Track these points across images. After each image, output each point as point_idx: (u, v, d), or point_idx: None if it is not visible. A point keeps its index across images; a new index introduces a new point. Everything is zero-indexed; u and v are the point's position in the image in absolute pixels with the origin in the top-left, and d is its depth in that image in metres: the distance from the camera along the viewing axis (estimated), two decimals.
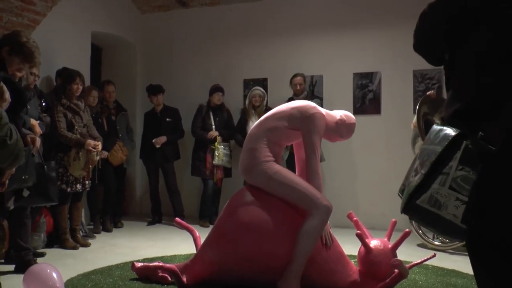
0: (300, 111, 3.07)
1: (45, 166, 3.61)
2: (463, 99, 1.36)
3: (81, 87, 4.59)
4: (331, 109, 5.98)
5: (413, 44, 1.56)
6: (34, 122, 3.64)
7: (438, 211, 1.32)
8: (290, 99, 5.77)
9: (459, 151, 1.31)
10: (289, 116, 3.07)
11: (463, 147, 1.31)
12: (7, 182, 2.50)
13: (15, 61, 2.98)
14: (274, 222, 2.92)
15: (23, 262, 3.55)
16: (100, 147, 4.63)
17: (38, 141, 3.49)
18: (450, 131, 1.36)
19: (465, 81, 1.38)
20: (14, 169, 2.51)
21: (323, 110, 3.20)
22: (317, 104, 5.50)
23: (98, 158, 4.65)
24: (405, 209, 1.41)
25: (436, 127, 1.42)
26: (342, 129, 3.25)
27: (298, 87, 5.72)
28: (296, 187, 2.94)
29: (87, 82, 5.51)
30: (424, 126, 4.50)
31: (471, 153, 1.30)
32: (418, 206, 1.36)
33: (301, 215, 2.96)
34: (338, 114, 3.28)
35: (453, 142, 1.33)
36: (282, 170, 3.02)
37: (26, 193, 3.27)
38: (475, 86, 1.34)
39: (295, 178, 3.00)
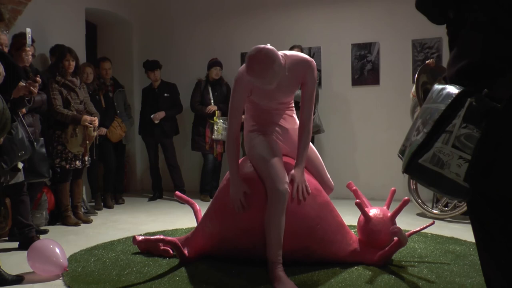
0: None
1: (35, 143, 3.61)
2: (469, 56, 1.32)
3: (73, 63, 4.54)
4: (330, 82, 6.06)
5: (415, 2, 1.50)
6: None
7: (441, 170, 1.29)
8: None
9: (463, 108, 1.27)
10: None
11: (467, 105, 1.27)
12: None
13: None
14: None
15: (26, 239, 3.59)
16: (97, 122, 4.62)
17: (36, 87, 3.26)
18: (453, 89, 1.32)
19: (473, 38, 1.33)
20: (1, 139, 2.49)
21: (281, 52, 2.84)
22: None
23: (95, 134, 4.64)
24: (407, 169, 1.38)
25: (438, 86, 1.38)
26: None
27: None
28: (259, 165, 2.89)
29: (83, 60, 5.46)
30: (423, 96, 4.48)
31: (475, 111, 1.26)
32: (420, 166, 1.33)
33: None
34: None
35: (457, 100, 1.29)
36: (259, 144, 2.95)
37: (20, 165, 3.29)
38: (484, 42, 1.30)
39: (265, 154, 2.88)
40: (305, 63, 2.88)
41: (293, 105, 3.20)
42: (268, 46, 2.64)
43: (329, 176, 3.26)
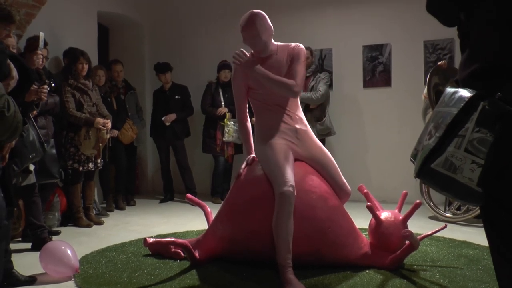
0: None
1: (45, 144, 3.63)
2: (482, 58, 1.30)
3: (86, 66, 4.58)
4: (341, 84, 6.03)
5: (426, 4, 1.49)
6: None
7: (453, 175, 1.27)
8: None
9: (476, 112, 1.25)
10: None
11: (480, 108, 1.24)
12: (7, 156, 2.50)
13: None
14: None
15: (39, 240, 3.62)
16: (109, 125, 4.65)
17: (45, 93, 3.23)
18: (465, 92, 1.29)
19: (485, 39, 1.31)
20: (13, 142, 2.50)
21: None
22: (325, 77, 5.51)
23: (108, 136, 4.68)
24: (419, 174, 1.36)
25: (450, 89, 1.36)
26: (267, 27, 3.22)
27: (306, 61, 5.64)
28: (266, 167, 2.92)
29: (95, 62, 5.51)
30: (435, 97, 4.44)
31: (488, 114, 1.24)
32: (432, 170, 1.31)
33: (311, 186, 2.96)
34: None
35: (470, 103, 1.27)
36: (267, 147, 2.95)
37: (32, 167, 3.33)
38: (496, 43, 1.28)
39: (271, 157, 2.89)
40: (294, 47, 3.18)
41: (300, 108, 3.20)
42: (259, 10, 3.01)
43: (345, 180, 3.19)
